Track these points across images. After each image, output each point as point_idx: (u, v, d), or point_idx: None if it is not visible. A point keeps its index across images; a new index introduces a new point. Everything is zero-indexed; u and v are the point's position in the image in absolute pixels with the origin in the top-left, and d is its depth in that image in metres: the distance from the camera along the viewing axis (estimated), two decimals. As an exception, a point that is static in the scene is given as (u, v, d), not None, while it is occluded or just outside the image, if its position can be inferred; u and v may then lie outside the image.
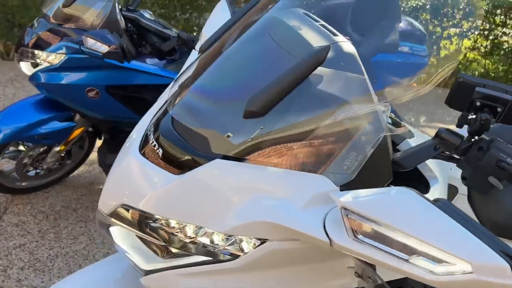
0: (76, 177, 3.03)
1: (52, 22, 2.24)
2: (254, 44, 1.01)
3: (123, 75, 2.27)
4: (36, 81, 2.25)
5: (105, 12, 2.11)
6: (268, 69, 0.91)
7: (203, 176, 0.85)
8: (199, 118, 0.93)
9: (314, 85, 0.84)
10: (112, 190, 1.00)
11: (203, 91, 0.98)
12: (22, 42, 2.32)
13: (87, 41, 2.01)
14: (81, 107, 2.32)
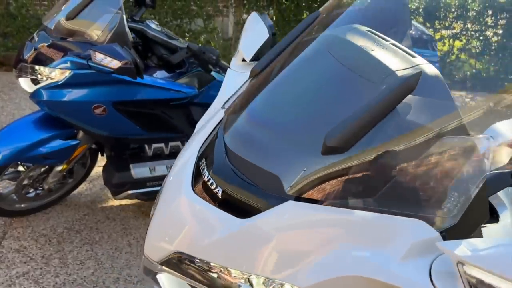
0: (77, 195, 2.88)
1: (54, 35, 2.10)
2: (316, 66, 0.90)
3: (132, 90, 2.15)
4: (38, 98, 2.11)
5: (113, 25, 1.98)
6: (343, 96, 0.81)
7: (274, 221, 0.75)
8: (263, 152, 0.82)
9: (401, 115, 0.75)
10: (161, 234, 0.89)
11: (264, 120, 0.87)
12: (21, 57, 2.18)
13: (95, 56, 1.88)
14: (86, 124, 2.19)
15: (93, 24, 2.02)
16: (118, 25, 1.98)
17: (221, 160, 0.87)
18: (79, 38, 2.05)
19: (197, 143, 1.00)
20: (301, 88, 0.88)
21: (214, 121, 1.03)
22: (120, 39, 1.99)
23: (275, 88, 0.90)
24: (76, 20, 2.02)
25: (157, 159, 2.46)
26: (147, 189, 2.45)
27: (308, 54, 0.92)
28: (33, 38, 2.21)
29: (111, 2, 2.03)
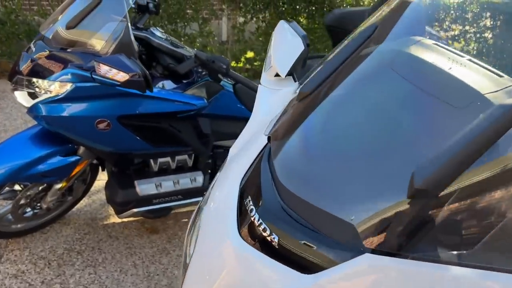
0: (76, 212, 2.73)
1: (53, 46, 1.95)
2: (379, 87, 0.77)
3: (138, 103, 2.01)
4: (36, 113, 1.95)
5: (117, 34, 1.84)
6: (422, 124, 0.68)
7: (350, 278, 0.62)
8: (330, 194, 0.69)
9: (501, 149, 0.63)
10: (202, 284, 0.76)
11: (325, 153, 0.74)
12: (17, 68, 2.03)
13: (100, 68, 1.74)
14: (88, 140, 2.05)
15: (95, 33, 1.87)
16: (123, 35, 1.84)
17: (272, 199, 0.74)
18: (81, 49, 1.90)
19: (237, 175, 0.86)
20: (365, 113, 0.75)
21: (255, 149, 0.90)
22: (126, 49, 1.85)
23: (333, 113, 0.77)
24: (77, 29, 1.87)
25: (163, 174, 2.32)
26: (153, 206, 2.32)
27: (367, 72, 0.79)
28: (30, 48, 2.06)
29: (114, 10, 1.89)
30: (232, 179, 0.86)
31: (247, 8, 5.23)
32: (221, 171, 0.97)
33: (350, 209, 0.66)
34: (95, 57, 1.84)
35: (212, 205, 0.85)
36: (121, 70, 1.70)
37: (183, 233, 2.61)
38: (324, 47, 5.76)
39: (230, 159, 0.97)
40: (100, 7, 1.87)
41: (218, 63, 2.03)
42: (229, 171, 0.92)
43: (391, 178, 0.61)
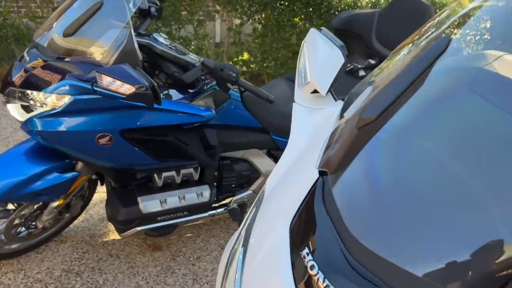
0: (73, 229, 2.57)
1: (49, 54, 1.80)
2: (463, 115, 0.64)
3: (143, 116, 1.86)
4: (31, 128, 1.80)
5: (120, 42, 1.69)
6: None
7: None
8: (411, 250, 0.56)
9: None
10: None
11: (400, 193, 0.61)
12: (9, 79, 1.87)
13: (102, 80, 1.59)
14: (88, 156, 1.90)
15: (96, 41, 1.72)
16: (127, 42, 1.70)
17: (337, 253, 0.60)
18: (80, 58, 1.75)
19: (284, 217, 0.73)
20: (445, 146, 0.62)
21: (302, 184, 0.76)
22: (129, 58, 1.71)
23: (404, 144, 0.64)
24: (75, 37, 1.72)
25: (167, 189, 2.18)
26: (158, 224, 2.17)
27: (442, 94, 0.66)
28: (23, 57, 1.90)
29: (116, 16, 1.74)
30: (279, 223, 0.73)
31: (243, 9, 5.09)
32: (260, 209, 0.83)
33: (443, 275, 0.53)
34: (96, 67, 1.69)
35: (255, 254, 0.71)
36: (126, 82, 1.55)
37: (187, 250, 2.47)
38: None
39: (269, 194, 0.84)
40: (100, 13, 1.72)
41: (227, 71, 1.89)
42: (271, 210, 0.78)
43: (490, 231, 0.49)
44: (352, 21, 2.80)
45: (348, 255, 0.60)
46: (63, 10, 1.88)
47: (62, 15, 1.85)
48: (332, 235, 0.63)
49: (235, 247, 0.83)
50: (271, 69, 5.43)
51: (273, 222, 0.75)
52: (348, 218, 0.62)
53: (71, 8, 1.84)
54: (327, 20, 5.36)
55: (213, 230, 2.67)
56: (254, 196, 2.53)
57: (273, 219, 0.76)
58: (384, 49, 2.63)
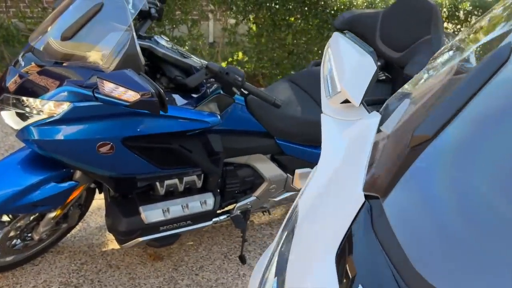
0: (70, 238, 2.48)
1: (46, 59, 1.70)
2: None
3: (146, 123, 1.78)
4: (27, 137, 1.71)
5: (121, 46, 1.60)
6: None
7: None
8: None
9: None
10: None
11: (467, 223, 0.54)
12: (3, 85, 1.77)
13: (104, 86, 1.51)
14: (88, 165, 1.81)
15: (96, 45, 1.63)
16: (128, 46, 1.61)
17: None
18: (79, 63, 1.66)
19: (327, 247, 0.65)
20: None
21: (346, 209, 0.69)
22: (132, 63, 1.62)
23: (467, 166, 0.57)
24: (74, 41, 1.63)
25: (170, 197, 2.09)
26: (160, 234, 2.09)
27: (504, 110, 0.59)
28: (18, 62, 1.80)
29: (117, 18, 1.65)
30: (321, 252, 0.65)
31: (238, 9, 5.00)
32: (295, 235, 0.75)
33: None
34: (97, 72, 1.60)
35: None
36: (130, 89, 1.47)
37: (190, 259, 2.39)
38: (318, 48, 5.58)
39: (305, 218, 0.76)
40: (100, 15, 1.63)
41: (232, 75, 1.81)
42: (309, 237, 0.71)
43: None
44: (355, 21, 2.73)
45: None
46: (60, 12, 1.79)
47: (58, 17, 1.75)
48: (387, 268, 0.56)
49: (266, 276, 0.75)
50: (266, 69, 5.36)
51: (314, 251, 0.67)
52: (411, 250, 0.54)
53: (68, 10, 1.75)
54: (322, 19, 5.31)
55: (215, 237, 2.60)
56: (257, 202, 2.46)
57: (313, 248, 0.69)
58: (388, 49, 2.57)
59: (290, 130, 2.31)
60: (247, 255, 2.47)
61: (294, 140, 2.35)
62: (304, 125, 2.32)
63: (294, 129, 2.31)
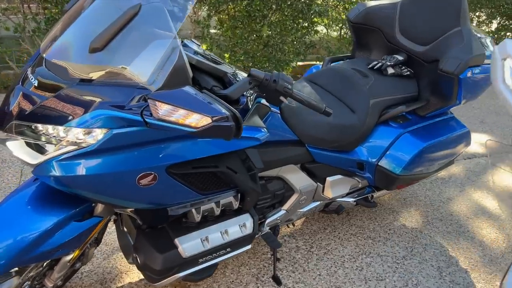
0: (77, 275, 2.14)
1: (67, 76, 1.37)
2: None
3: (195, 146, 1.51)
4: (48, 173, 1.38)
5: (168, 56, 1.31)
6: None
7: None
8: None
9: None
10: None
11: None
12: (8, 109, 1.43)
13: (158, 109, 1.22)
14: (122, 200, 1.51)
15: (135, 57, 1.32)
16: (178, 58, 1.32)
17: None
18: (114, 80, 1.35)
19: None
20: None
21: None
22: (180, 77, 1.34)
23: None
24: (106, 53, 1.31)
25: (206, 224, 1.83)
26: (199, 266, 1.83)
27: None
28: (26, 78, 1.45)
29: (157, 23, 1.35)
30: None
31: (211, 1, 4.69)
32: None
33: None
34: (141, 91, 1.31)
35: None
36: (196, 111, 1.20)
37: (219, 285, 2.15)
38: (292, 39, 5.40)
39: None
40: (137, 19, 1.32)
41: (282, 82, 1.57)
42: None
43: None
44: (371, 13, 2.57)
45: None
46: (76, 15, 1.46)
47: (77, 22, 1.42)
48: None
49: None
50: (242, 62, 5.10)
51: None
52: None
53: (89, 13, 1.43)
54: (297, 9, 5.12)
55: (240, 257, 2.36)
56: (286, 215, 2.25)
57: None
58: (410, 43, 2.42)
59: (323, 136, 2.12)
60: (279, 274, 2.26)
61: (325, 146, 2.16)
62: (336, 129, 2.13)
63: (327, 134, 2.12)
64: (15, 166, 3.07)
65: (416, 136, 2.26)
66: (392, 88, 2.32)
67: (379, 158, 2.26)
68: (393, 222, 2.76)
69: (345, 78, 2.32)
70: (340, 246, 2.50)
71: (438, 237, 2.64)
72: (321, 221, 2.72)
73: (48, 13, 4.19)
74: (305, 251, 2.44)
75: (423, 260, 2.43)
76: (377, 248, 2.50)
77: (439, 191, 3.17)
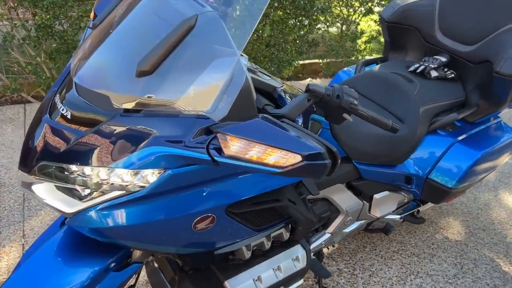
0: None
1: (109, 105, 1.13)
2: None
3: (259, 181, 1.28)
4: (88, 224, 1.14)
5: (231, 78, 1.08)
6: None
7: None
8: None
9: None
10: None
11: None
12: (31, 145, 1.18)
13: (229, 144, 1.00)
14: (171, 247, 1.28)
15: (193, 81, 1.08)
16: (245, 80, 1.09)
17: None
18: (168, 109, 1.10)
19: None
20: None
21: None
22: (246, 101, 1.11)
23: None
24: (157, 77, 1.07)
25: (256, 261, 1.61)
26: (253, 309, 1.60)
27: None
28: (55, 108, 1.20)
29: (216, 37, 1.12)
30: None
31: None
32: None
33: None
34: (203, 121, 1.07)
35: None
36: (281, 148, 0.97)
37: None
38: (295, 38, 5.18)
39: None
40: (193, 34, 1.08)
41: (347, 97, 1.33)
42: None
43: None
44: (407, 11, 2.36)
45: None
46: (108, 30, 1.21)
47: (112, 38, 1.18)
48: None
49: None
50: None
51: None
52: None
53: (126, 27, 1.18)
54: (300, 7, 4.90)
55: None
56: (331, 238, 2.04)
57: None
58: (453, 43, 2.23)
59: (373, 150, 1.91)
60: (326, 303, 2.05)
61: (374, 161, 1.95)
62: (387, 142, 1.92)
63: (377, 148, 1.91)
64: (16, 191, 2.79)
65: (469, 145, 2.07)
66: (440, 94, 2.13)
67: (429, 170, 2.06)
68: (434, 235, 2.58)
69: (389, 83, 2.11)
70: (384, 266, 2.31)
71: (486, 250, 2.47)
72: (358, 238, 2.52)
73: (38, 19, 3.88)
74: (349, 274, 2.24)
75: (477, 278, 2.25)
76: (424, 266, 2.31)
77: (474, 197, 3.00)
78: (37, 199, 1.19)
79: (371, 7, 5.35)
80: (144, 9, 1.22)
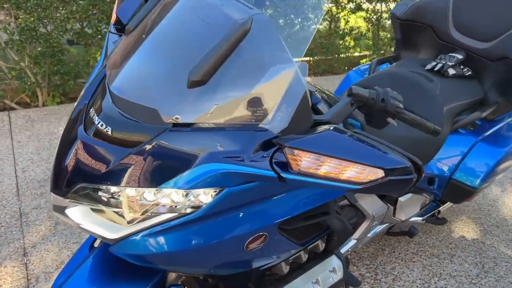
0: None
1: (157, 119, 1.02)
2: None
3: (311, 195, 1.19)
4: (132, 251, 1.04)
5: (289, 87, 0.99)
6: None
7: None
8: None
9: None
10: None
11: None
12: (63, 166, 1.07)
13: (298, 159, 0.91)
14: (219, 269, 1.18)
15: (250, 91, 0.98)
16: (305, 91, 1.00)
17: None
18: (222, 122, 1.01)
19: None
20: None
21: None
22: (305, 113, 1.03)
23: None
24: (211, 84, 0.97)
25: (293, 275, 1.53)
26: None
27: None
28: (91, 122, 1.09)
29: (270, 41, 1.02)
30: None
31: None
32: None
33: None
34: (263, 134, 0.98)
35: None
36: (359, 162, 0.89)
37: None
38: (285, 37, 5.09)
39: None
40: (248, 39, 0.99)
41: (392, 101, 1.24)
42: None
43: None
44: (420, 8, 2.31)
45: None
46: (143, 35, 1.10)
47: (152, 44, 1.07)
48: None
49: None
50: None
51: None
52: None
53: (166, 32, 1.07)
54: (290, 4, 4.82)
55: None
56: (356, 245, 1.98)
57: None
58: (469, 39, 2.19)
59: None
60: (353, 311, 1.98)
61: (399, 164, 1.89)
62: (412, 143, 1.86)
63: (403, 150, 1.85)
64: (11, 205, 2.63)
65: (492, 143, 2.04)
66: (460, 92, 2.08)
67: (453, 170, 2.02)
68: (450, 234, 2.55)
69: (410, 83, 2.05)
70: (406, 269, 2.26)
71: (503, 247, 2.45)
72: (376, 240, 2.47)
73: (22, 21, 3.69)
74: (371, 279, 2.18)
75: (500, 277, 2.22)
76: (446, 267, 2.28)
77: (482, 194, 2.99)
78: (70, 224, 1.08)
79: (360, 4, 5.31)
80: (182, 12, 1.11)
